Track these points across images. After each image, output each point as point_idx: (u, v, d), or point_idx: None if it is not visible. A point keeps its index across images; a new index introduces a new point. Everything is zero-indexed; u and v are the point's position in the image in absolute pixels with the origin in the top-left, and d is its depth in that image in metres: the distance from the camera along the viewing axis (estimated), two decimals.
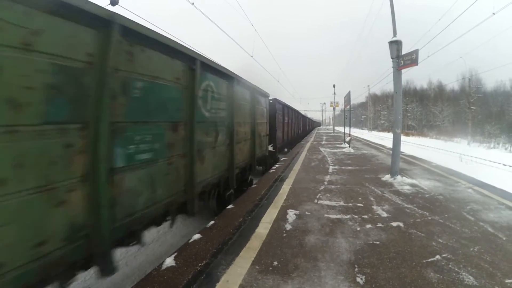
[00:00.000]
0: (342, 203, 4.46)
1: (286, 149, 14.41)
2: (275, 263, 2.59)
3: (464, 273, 2.35)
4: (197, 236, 3.20)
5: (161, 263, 2.61)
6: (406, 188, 5.35)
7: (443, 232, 3.23)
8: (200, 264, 2.57)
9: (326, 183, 5.91)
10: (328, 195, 4.94)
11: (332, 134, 32.25)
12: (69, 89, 1.89)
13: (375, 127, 66.95)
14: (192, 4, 6.99)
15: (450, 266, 2.48)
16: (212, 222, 3.65)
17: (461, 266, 2.48)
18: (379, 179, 6.25)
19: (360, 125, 79.13)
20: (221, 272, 2.45)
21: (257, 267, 2.52)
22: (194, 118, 3.52)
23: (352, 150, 12.45)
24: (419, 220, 3.66)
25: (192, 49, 3.57)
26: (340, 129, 39.96)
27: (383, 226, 3.46)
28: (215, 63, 4.17)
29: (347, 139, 14.76)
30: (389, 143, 12.74)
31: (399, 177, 6.04)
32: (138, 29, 2.51)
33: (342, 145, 15.27)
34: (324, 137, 24.68)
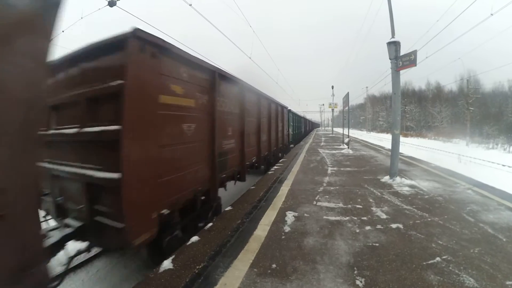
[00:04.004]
0: (341, 204, 4.43)
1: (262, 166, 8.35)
2: (274, 265, 2.56)
3: (464, 275, 2.33)
4: (195, 238, 3.17)
5: (159, 266, 2.58)
6: (405, 189, 5.32)
7: (443, 234, 3.20)
8: (198, 267, 2.54)
9: (325, 184, 5.88)
10: (327, 196, 4.91)
11: (331, 135, 32.28)
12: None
13: (374, 128, 67.05)
14: (190, 5, 6.98)
15: (450, 268, 2.45)
16: (210, 224, 3.62)
17: (462, 268, 2.45)
18: (378, 180, 6.23)
19: (359, 126, 79.21)
20: (219, 275, 2.42)
21: (255, 269, 2.49)
22: None
23: (350, 151, 12.44)
24: (418, 221, 3.63)
25: None
26: (339, 130, 40.03)
27: (382, 227, 3.43)
28: None
29: (346, 140, 14.75)
30: (387, 144, 12.73)
31: (398, 178, 6.02)
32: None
33: (341, 146, 15.26)
34: (323, 139, 24.68)
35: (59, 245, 2.66)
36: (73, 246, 2.84)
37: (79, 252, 2.84)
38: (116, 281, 3.54)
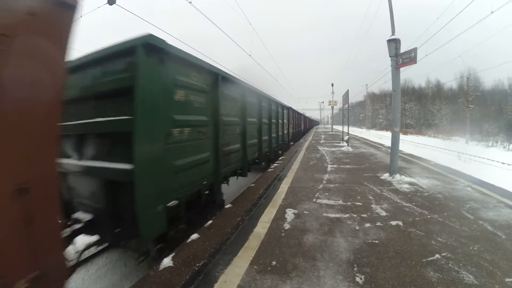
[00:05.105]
0: (340, 202, 4.44)
1: None
2: (274, 262, 2.56)
3: (464, 272, 2.33)
4: (195, 236, 3.17)
5: (159, 264, 2.58)
6: (405, 187, 5.33)
7: (442, 231, 3.21)
8: (198, 264, 2.54)
9: (324, 182, 5.89)
10: (327, 194, 4.92)
11: (330, 133, 32.26)
12: None
13: (374, 126, 67.07)
14: (190, 2, 6.94)
15: (449, 265, 2.46)
16: (210, 221, 3.63)
17: (461, 265, 2.46)
18: (377, 177, 6.24)
19: (359, 124, 79.23)
20: (219, 272, 2.42)
21: (255, 267, 2.50)
22: None
23: (350, 149, 12.45)
24: (418, 218, 3.64)
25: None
26: (339, 127, 40.04)
27: (382, 225, 3.44)
28: None
29: (346, 137, 14.75)
30: (387, 142, 12.72)
31: (397, 176, 6.03)
32: None
33: (341, 144, 15.27)
34: (323, 136, 24.67)
35: (68, 240, 2.73)
36: (81, 240, 2.92)
37: (88, 246, 2.94)
38: (117, 279, 3.55)
